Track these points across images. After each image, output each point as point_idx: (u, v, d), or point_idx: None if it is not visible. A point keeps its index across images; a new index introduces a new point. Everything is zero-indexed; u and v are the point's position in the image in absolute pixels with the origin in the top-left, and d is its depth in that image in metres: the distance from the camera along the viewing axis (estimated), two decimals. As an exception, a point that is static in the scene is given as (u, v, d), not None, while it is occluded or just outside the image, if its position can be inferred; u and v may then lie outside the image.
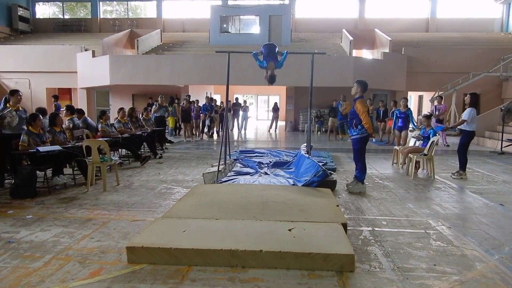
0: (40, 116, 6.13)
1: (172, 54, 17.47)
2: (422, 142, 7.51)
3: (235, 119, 16.92)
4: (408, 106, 10.38)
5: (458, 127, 7.12)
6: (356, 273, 2.97)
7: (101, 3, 24.38)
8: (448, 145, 11.65)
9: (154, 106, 11.98)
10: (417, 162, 7.34)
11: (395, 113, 10.44)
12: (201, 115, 13.88)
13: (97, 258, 3.24)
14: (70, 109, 7.99)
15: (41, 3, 24.73)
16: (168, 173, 7.24)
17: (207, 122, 14.31)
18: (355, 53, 18.90)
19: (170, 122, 13.85)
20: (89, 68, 16.31)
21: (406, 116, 9.40)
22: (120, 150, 8.60)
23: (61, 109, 6.09)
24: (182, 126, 13.74)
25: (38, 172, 5.66)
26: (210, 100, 14.84)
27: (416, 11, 23.23)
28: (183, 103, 13.00)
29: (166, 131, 13.04)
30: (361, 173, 5.73)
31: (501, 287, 2.80)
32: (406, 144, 8.34)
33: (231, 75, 6.93)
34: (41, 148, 5.55)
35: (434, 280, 2.89)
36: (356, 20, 23.06)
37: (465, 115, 6.83)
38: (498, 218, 4.53)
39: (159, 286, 2.75)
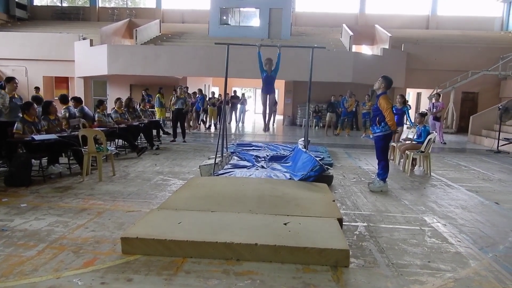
0: (35, 104, 6.07)
1: (171, 45, 17.34)
2: (415, 135, 7.57)
3: (233, 112, 16.87)
4: (406, 103, 10.25)
5: None
6: (350, 268, 2.98)
7: (99, -9, 24.14)
8: (445, 143, 11.68)
9: (172, 98, 11.60)
10: (414, 159, 7.36)
11: None
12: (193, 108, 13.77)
13: (92, 248, 3.23)
14: (63, 99, 7.87)
15: (39, -10, 24.48)
16: (164, 164, 7.22)
17: (200, 115, 14.15)
18: (354, 48, 18.86)
19: (158, 113, 13.68)
20: (87, 57, 16.16)
21: (402, 113, 9.36)
22: (116, 140, 8.56)
23: None
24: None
25: (33, 160, 5.61)
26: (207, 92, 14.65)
27: (416, 8, 23.19)
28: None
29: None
30: (383, 171, 5.58)
31: (495, 285, 2.81)
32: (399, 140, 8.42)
33: (230, 67, 6.89)
34: (37, 137, 5.51)
35: (428, 276, 2.90)
36: (357, 16, 22.96)
37: None
38: (493, 216, 4.55)
39: (153, 277, 2.74)
